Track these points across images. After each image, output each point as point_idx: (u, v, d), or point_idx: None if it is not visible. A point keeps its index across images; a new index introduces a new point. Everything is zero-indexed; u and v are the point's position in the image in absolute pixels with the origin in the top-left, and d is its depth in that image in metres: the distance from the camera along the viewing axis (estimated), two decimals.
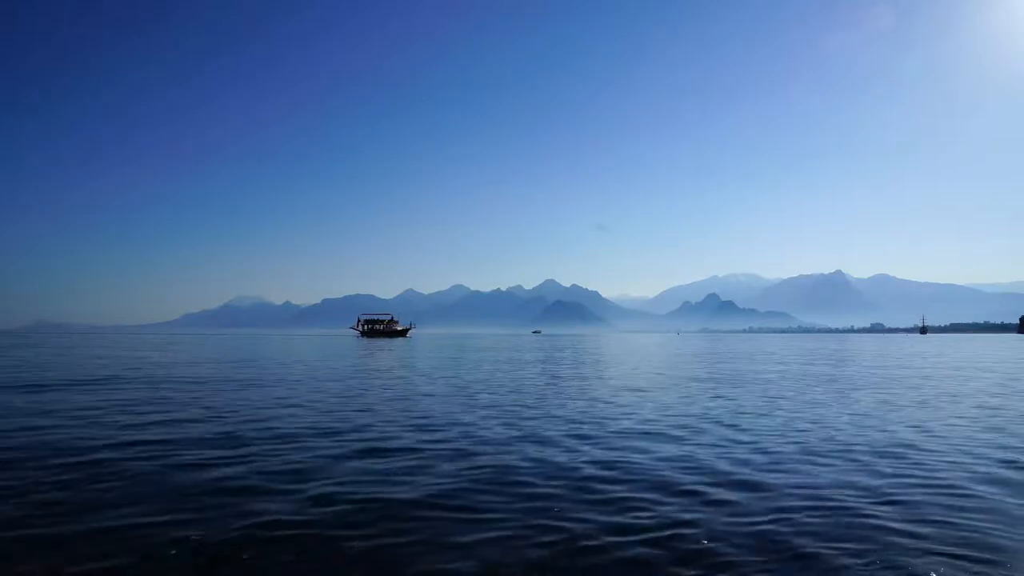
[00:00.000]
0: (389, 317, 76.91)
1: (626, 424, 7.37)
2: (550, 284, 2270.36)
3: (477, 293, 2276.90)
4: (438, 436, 6.50)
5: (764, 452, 5.76)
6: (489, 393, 10.83)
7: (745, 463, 5.29)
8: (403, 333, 76.52)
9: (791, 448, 5.95)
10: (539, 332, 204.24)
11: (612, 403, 9.47)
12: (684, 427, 7.17)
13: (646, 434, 6.70)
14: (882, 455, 5.67)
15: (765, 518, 3.74)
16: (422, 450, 5.77)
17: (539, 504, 4.01)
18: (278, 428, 6.94)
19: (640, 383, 12.93)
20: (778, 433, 6.80)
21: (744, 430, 7.00)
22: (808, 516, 3.77)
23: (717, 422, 7.55)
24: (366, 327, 75.56)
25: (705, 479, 4.68)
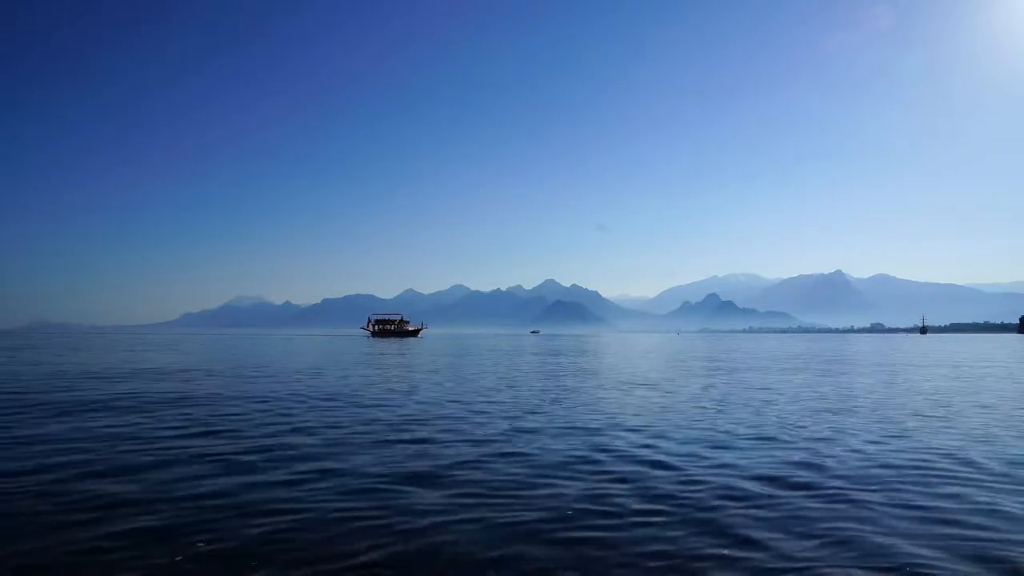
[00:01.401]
0: (399, 317, 76.45)
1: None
2: (550, 284, 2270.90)
3: (477, 293, 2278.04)
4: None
5: None
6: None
7: None
8: (414, 333, 76.11)
9: None
10: (537, 332, 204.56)
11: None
12: None
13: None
14: None
15: None
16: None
17: None
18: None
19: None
20: None
21: None
22: None
23: None
24: (377, 327, 75.08)
25: None
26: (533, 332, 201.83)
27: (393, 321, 75.73)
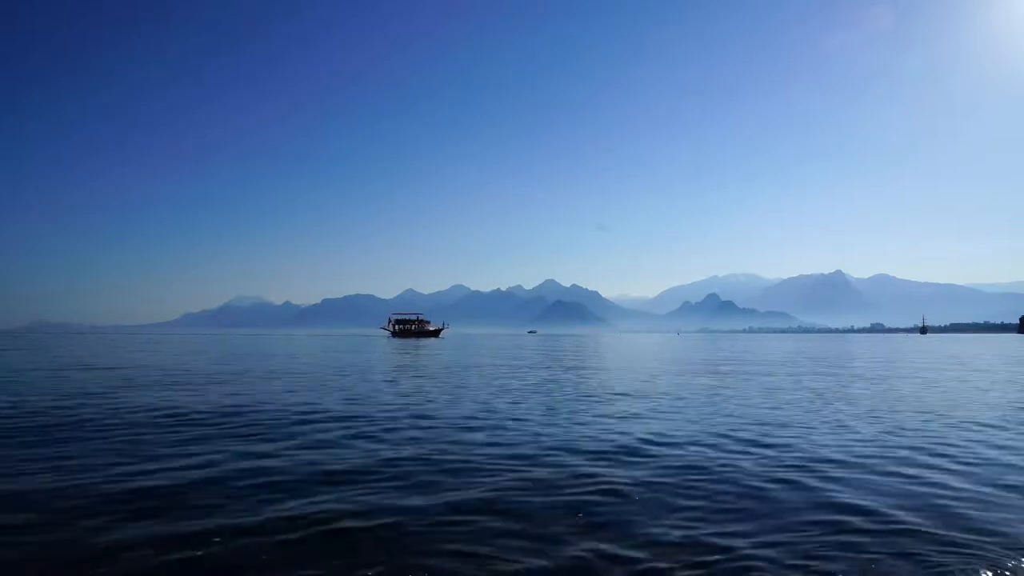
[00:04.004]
0: (417, 317, 75.25)
1: None
2: (550, 284, 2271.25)
3: (477, 293, 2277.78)
4: None
5: None
6: None
7: None
8: (435, 333, 74.81)
9: None
10: (534, 332, 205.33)
11: None
12: None
13: None
14: None
15: None
16: None
17: None
18: None
19: None
20: None
21: None
22: None
23: None
24: (397, 327, 74.01)
25: None
26: (530, 332, 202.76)
27: (413, 321, 74.44)
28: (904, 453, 5.94)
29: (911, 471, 5.19)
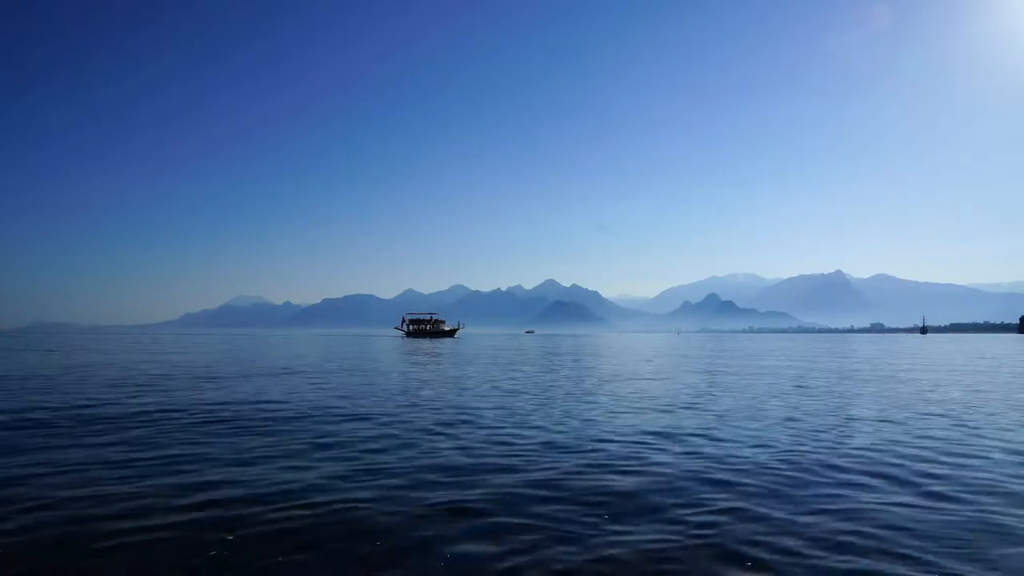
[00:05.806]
0: (430, 316, 73.58)
1: None
2: (550, 284, 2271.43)
3: (477, 293, 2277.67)
4: None
5: None
6: None
7: None
8: (451, 333, 72.96)
9: None
10: (532, 332, 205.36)
11: None
12: None
13: None
14: None
15: None
16: None
17: None
18: None
19: None
20: None
21: None
22: None
23: None
24: (411, 327, 72.73)
25: None
26: (528, 332, 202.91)
27: (428, 321, 72.74)
28: None
29: None
